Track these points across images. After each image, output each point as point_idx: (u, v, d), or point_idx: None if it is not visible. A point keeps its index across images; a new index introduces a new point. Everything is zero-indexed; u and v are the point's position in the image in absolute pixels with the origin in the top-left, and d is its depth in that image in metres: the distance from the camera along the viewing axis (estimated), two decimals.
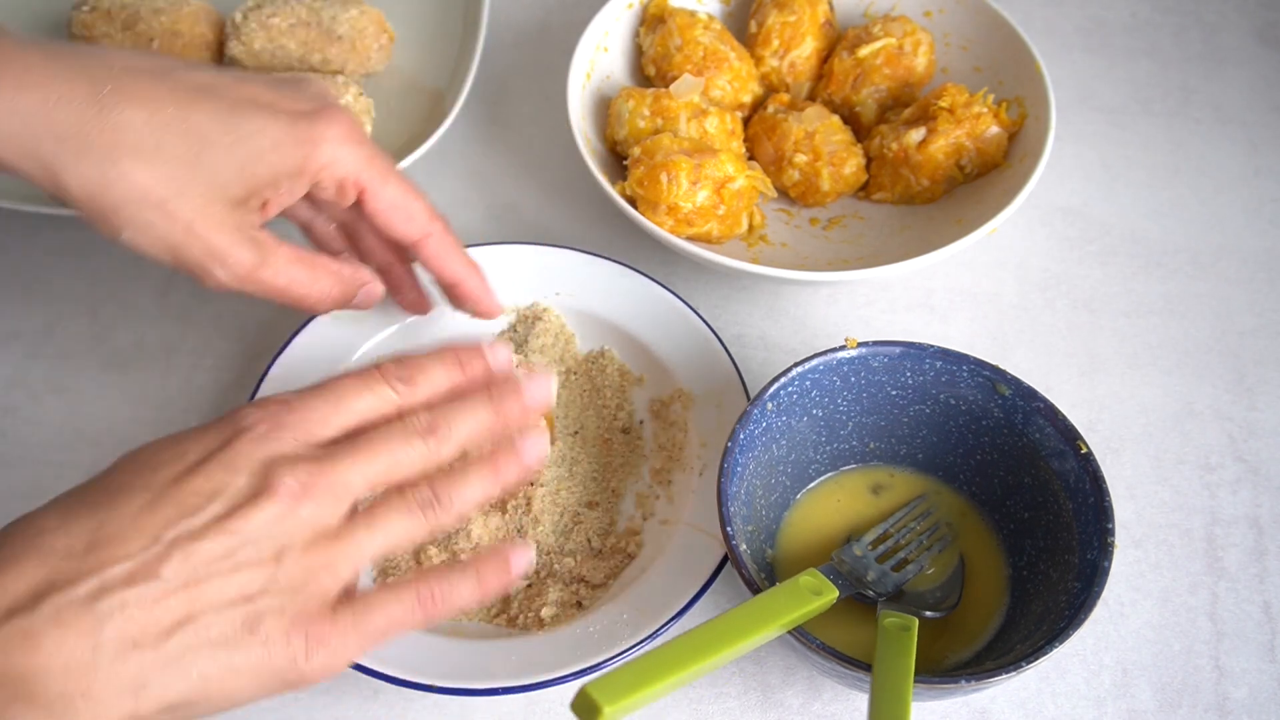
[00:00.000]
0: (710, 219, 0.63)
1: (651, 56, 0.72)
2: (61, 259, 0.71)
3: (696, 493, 0.57)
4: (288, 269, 0.50)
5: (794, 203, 0.70)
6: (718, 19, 0.74)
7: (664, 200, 0.62)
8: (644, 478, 0.59)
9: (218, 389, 0.65)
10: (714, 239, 0.65)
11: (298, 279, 0.51)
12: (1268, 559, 0.58)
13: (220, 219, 0.47)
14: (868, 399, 0.55)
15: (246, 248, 0.48)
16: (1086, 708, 0.53)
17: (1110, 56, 0.82)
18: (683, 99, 0.66)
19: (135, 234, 0.47)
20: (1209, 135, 0.77)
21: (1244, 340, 0.66)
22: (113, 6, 0.74)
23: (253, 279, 0.49)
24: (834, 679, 0.48)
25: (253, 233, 0.49)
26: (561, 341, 0.63)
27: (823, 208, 0.70)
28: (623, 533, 0.57)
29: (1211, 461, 0.61)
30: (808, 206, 0.70)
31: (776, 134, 0.68)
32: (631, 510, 0.58)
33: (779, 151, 0.68)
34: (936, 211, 0.68)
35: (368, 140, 0.50)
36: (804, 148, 0.67)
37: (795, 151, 0.67)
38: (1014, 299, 0.68)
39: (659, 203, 0.62)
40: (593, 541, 0.57)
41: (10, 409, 0.64)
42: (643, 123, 0.67)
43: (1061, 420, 0.51)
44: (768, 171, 0.69)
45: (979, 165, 0.68)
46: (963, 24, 0.73)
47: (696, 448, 0.58)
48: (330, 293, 0.52)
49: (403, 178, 0.52)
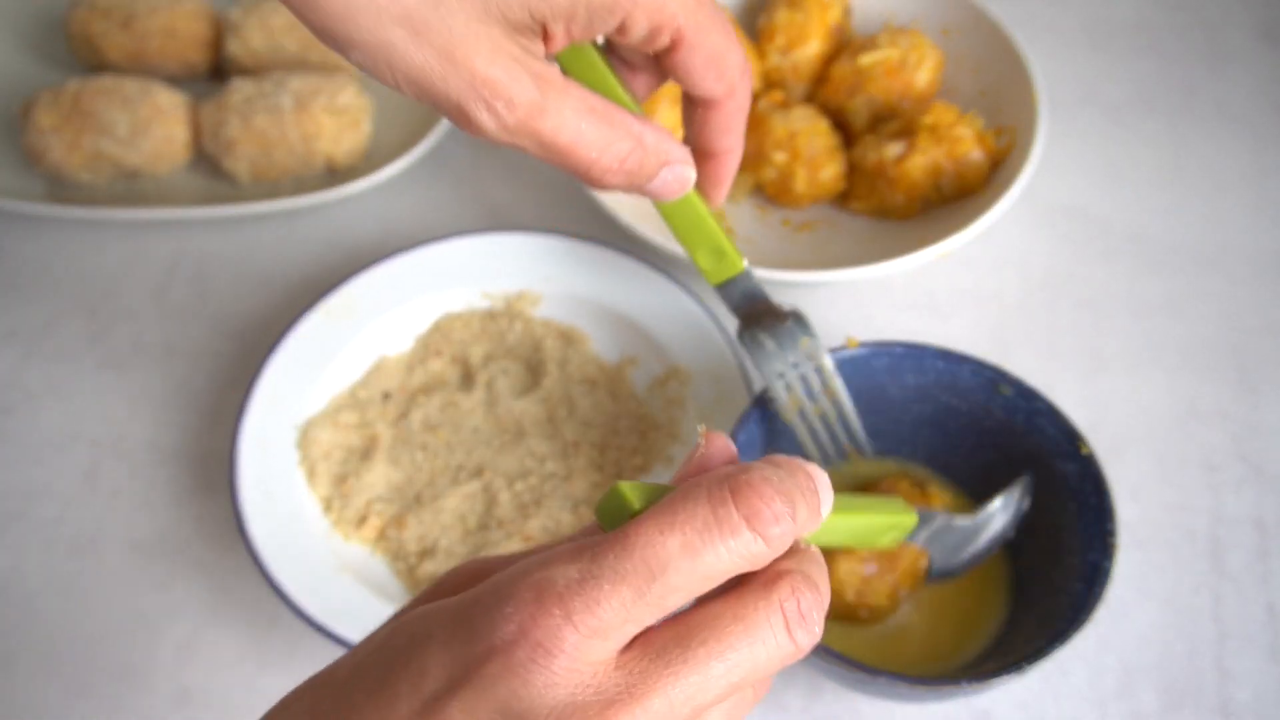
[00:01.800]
0: None
1: None
2: (61, 259, 0.70)
3: None
4: (576, 120, 0.37)
5: (770, 201, 0.70)
6: (729, 9, 0.74)
7: None
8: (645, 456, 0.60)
9: (216, 389, 0.64)
10: None
11: (587, 136, 0.37)
12: (1271, 560, 0.58)
13: (494, 44, 0.35)
14: (868, 399, 0.55)
15: (526, 83, 0.35)
16: (1089, 709, 0.53)
17: (1113, 55, 0.81)
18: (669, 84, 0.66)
19: (368, 57, 0.34)
20: (1212, 134, 0.76)
21: (1247, 340, 0.66)
22: (110, 4, 0.73)
23: (528, 128, 0.36)
24: (834, 680, 0.48)
25: (535, 65, 0.36)
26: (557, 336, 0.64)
27: (798, 210, 0.70)
28: None
29: (1215, 462, 0.61)
30: (782, 207, 0.70)
31: (761, 129, 0.68)
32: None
33: (760, 147, 0.68)
34: (908, 229, 0.67)
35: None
36: (784, 146, 0.67)
37: (775, 149, 0.67)
38: (1016, 299, 0.68)
39: None
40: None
41: (8, 409, 0.64)
42: None
43: (1063, 421, 0.51)
44: (748, 166, 0.69)
45: (957, 188, 0.67)
46: (976, 47, 0.72)
47: (695, 423, 0.59)
48: (625, 161, 0.39)
49: (725, 21, 0.41)
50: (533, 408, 0.61)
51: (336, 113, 0.69)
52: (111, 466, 0.61)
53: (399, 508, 0.58)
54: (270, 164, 0.70)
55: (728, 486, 0.27)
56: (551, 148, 0.37)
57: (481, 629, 0.26)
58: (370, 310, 0.63)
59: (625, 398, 0.62)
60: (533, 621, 0.25)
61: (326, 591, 0.53)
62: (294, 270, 0.70)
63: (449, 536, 0.56)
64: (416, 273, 0.64)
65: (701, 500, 0.26)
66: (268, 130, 0.68)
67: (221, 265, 0.70)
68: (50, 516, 0.60)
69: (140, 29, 0.73)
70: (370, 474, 0.58)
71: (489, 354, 0.63)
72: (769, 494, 0.27)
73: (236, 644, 0.55)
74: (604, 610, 0.25)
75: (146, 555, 0.58)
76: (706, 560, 0.26)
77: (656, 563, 0.26)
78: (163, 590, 0.57)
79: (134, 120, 0.68)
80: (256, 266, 0.70)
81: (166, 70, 0.75)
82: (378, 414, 0.61)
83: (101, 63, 0.74)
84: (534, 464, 0.59)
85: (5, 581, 0.58)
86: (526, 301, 0.64)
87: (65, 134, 0.68)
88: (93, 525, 0.59)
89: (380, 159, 0.72)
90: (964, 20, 0.72)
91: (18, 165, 0.72)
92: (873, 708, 0.53)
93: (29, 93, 0.73)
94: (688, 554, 0.26)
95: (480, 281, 0.65)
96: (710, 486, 0.27)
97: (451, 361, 0.63)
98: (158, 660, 0.55)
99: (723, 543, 0.26)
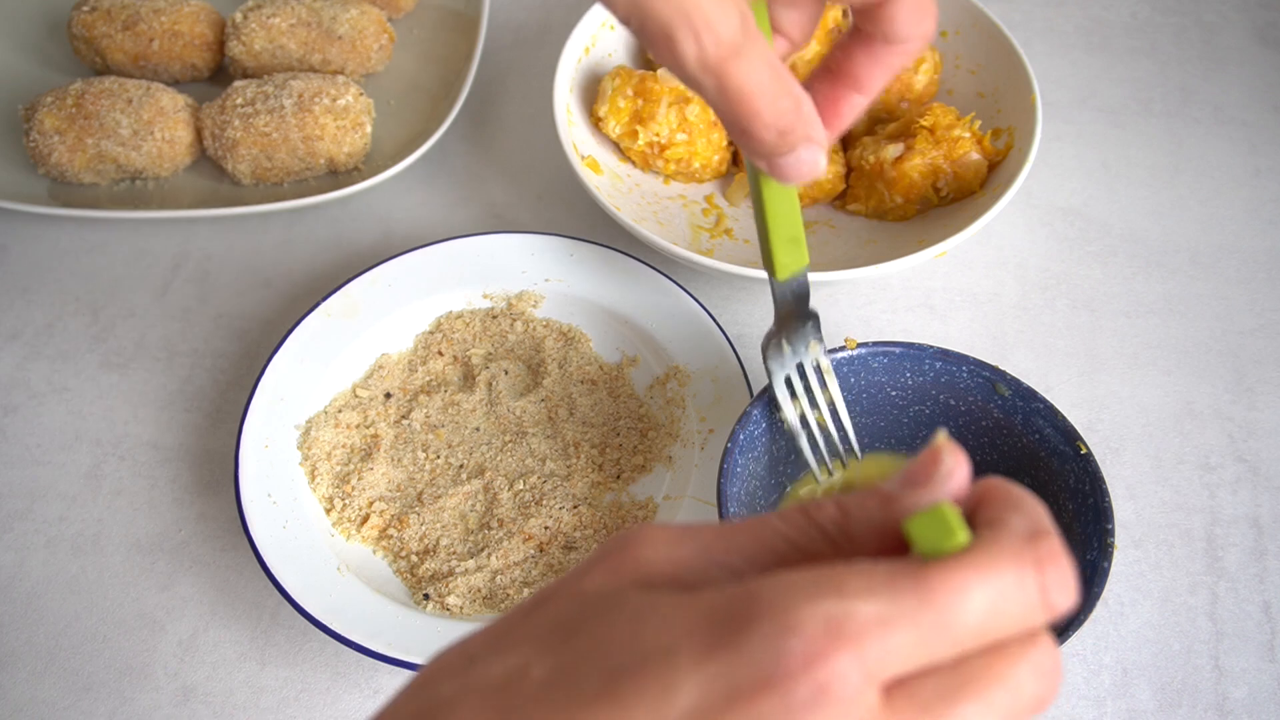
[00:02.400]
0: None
1: None
2: (61, 259, 0.71)
3: (699, 467, 0.58)
4: (761, 68, 0.36)
5: None
6: None
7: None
8: (645, 456, 0.60)
9: (218, 389, 0.65)
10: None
11: (765, 87, 0.37)
12: (1267, 559, 0.58)
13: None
14: (867, 399, 0.55)
15: (734, 20, 0.35)
16: (1086, 707, 0.53)
17: (1111, 56, 0.82)
18: (668, 84, 0.67)
19: None
20: (1209, 135, 0.77)
21: (1244, 340, 0.66)
22: (113, 6, 0.74)
23: (723, 66, 0.36)
24: None
25: (741, 4, 0.36)
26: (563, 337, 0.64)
27: None
28: (629, 505, 0.58)
29: (1211, 461, 0.61)
30: None
31: None
32: (637, 490, 0.59)
33: None
34: (905, 230, 0.68)
35: None
36: None
37: None
38: (1014, 299, 0.68)
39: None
40: (607, 524, 0.58)
41: (12, 408, 0.64)
42: (623, 102, 0.67)
43: (1061, 421, 0.51)
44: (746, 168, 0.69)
45: (955, 189, 0.67)
46: (975, 48, 0.73)
47: (696, 423, 0.59)
48: (781, 120, 0.38)
49: None
50: (533, 408, 0.61)
51: (338, 114, 0.69)
52: (114, 466, 0.62)
53: (400, 507, 0.58)
54: (272, 165, 0.70)
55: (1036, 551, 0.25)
56: (733, 92, 0.37)
57: (756, 654, 0.23)
58: (372, 310, 0.63)
59: (625, 398, 0.62)
60: (822, 661, 0.23)
61: (328, 590, 0.53)
62: (296, 271, 0.70)
63: (450, 536, 0.57)
64: (418, 273, 0.65)
65: (1009, 559, 0.25)
66: (270, 131, 0.68)
67: (224, 266, 0.70)
68: (53, 515, 0.60)
69: (143, 31, 0.73)
70: (371, 473, 0.58)
71: (490, 354, 0.64)
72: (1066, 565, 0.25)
73: (238, 642, 0.56)
74: (895, 659, 0.23)
75: (149, 554, 0.59)
76: (1002, 624, 0.25)
77: (957, 619, 0.24)
78: (165, 589, 0.57)
79: (137, 122, 0.69)
80: (258, 267, 0.70)
81: (169, 72, 0.75)
82: (379, 414, 0.61)
83: (104, 64, 0.74)
84: (534, 464, 0.59)
85: (9, 580, 0.58)
86: (527, 301, 0.65)
87: (68, 135, 0.68)
88: (95, 524, 0.60)
89: (381, 160, 0.72)
90: (962, 22, 0.73)
91: (21, 167, 0.72)
92: None
93: (32, 94, 0.73)
94: (991, 615, 0.24)
95: (481, 282, 0.65)
96: (1019, 546, 0.25)
97: (452, 361, 0.64)
98: (160, 658, 0.55)
99: (1023, 612, 0.25)
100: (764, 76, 0.37)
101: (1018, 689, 0.25)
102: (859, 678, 0.23)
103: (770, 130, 0.38)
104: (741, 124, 0.38)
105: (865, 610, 0.23)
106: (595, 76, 0.72)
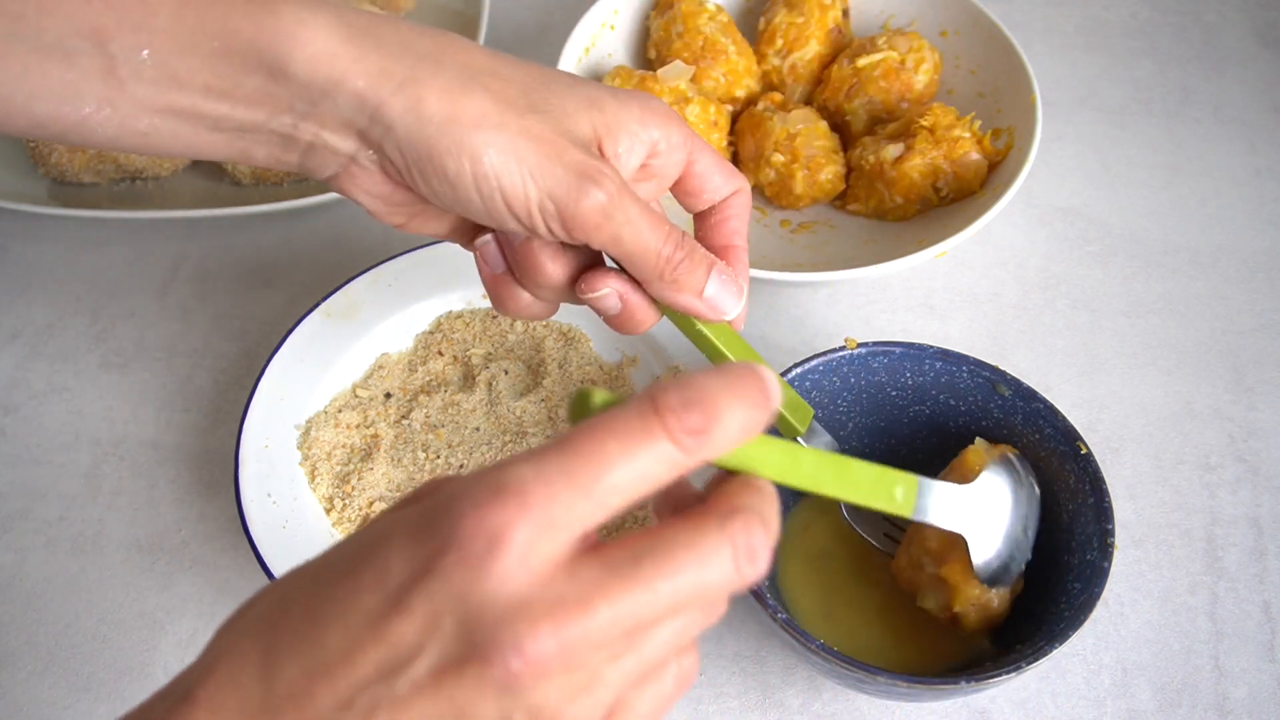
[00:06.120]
0: None
1: (655, 40, 0.72)
2: (61, 259, 0.71)
3: None
4: (637, 205, 0.40)
5: (769, 202, 0.70)
6: (727, 11, 0.74)
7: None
8: None
9: (217, 389, 0.65)
10: None
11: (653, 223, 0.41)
12: (1267, 559, 0.58)
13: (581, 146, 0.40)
14: (867, 400, 0.55)
15: (613, 170, 0.40)
16: (1086, 708, 0.53)
17: (1110, 56, 0.82)
18: (668, 84, 0.67)
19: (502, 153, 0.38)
20: (1209, 135, 0.77)
21: (1244, 340, 0.66)
22: None
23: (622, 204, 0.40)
24: (834, 679, 0.48)
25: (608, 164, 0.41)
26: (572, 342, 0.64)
27: (796, 211, 0.70)
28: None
29: (1211, 461, 0.61)
30: (781, 208, 0.70)
31: (760, 131, 0.68)
32: None
33: (759, 149, 0.68)
34: (905, 231, 0.67)
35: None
36: (783, 148, 0.67)
37: (774, 151, 0.67)
38: (1014, 299, 0.68)
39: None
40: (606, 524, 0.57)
41: (11, 409, 0.64)
42: None
43: (1061, 421, 0.51)
44: (747, 168, 0.69)
45: (955, 189, 0.67)
46: (974, 48, 0.72)
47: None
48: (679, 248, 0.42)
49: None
50: (533, 408, 0.61)
51: None
52: (114, 466, 0.62)
53: None
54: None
55: (652, 396, 0.28)
56: (636, 227, 0.40)
57: (441, 525, 0.27)
58: (372, 310, 0.63)
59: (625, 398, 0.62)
60: (489, 515, 0.26)
61: None
62: (295, 271, 0.70)
63: None
64: (418, 273, 0.64)
65: (633, 408, 0.28)
66: None
67: (223, 266, 0.70)
68: (53, 515, 0.60)
69: None
70: (372, 473, 0.58)
71: (490, 354, 0.64)
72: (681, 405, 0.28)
73: None
74: (554, 504, 0.27)
75: (149, 554, 0.59)
76: (639, 464, 0.28)
77: (598, 463, 0.27)
78: (164, 589, 0.57)
79: None
80: (258, 267, 0.70)
81: None
82: (379, 414, 0.61)
83: None
84: None
85: (8, 580, 0.58)
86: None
87: None
88: (95, 524, 0.60)
89: None
90: (962, 22, 0.73)
91: (22, 167, 0.72)
92: (872, 706, 0.53)
93: None
94: (624, 457, 0.27)
95: (481, 282, 0.65)
96: (642, 396, 0.29)
97: (453, 361, 0.64)
98: (160, 658, 0.55)
99: (649, 449, 0.28)
100: (649, 214, 0.41)
101: (704, 557, 0.28)
102: (530, 528, 0.26)
103: (671, 262, 0.42)
104: (649, 258, 0.41)
105: (522, 470, 0.27)
106: (595, 76, 0.72)
